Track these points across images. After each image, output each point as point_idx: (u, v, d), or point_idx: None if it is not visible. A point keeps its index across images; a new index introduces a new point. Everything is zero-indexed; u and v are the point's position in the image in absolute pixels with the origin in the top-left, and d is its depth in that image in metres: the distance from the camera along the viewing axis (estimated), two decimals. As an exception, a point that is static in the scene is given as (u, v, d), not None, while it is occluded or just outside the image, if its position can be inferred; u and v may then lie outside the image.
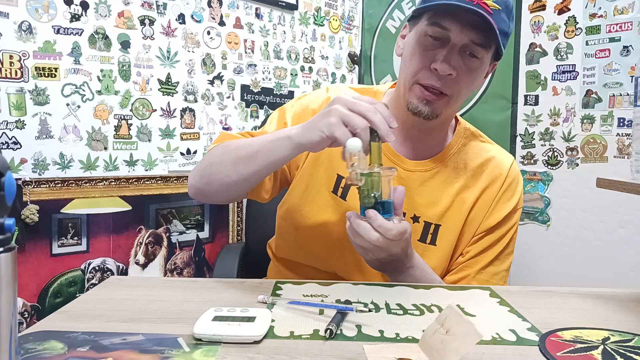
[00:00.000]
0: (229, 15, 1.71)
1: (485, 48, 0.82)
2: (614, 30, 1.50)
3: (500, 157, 0.95)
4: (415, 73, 0.83)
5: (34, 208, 1.29)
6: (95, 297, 0.70)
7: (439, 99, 0.83)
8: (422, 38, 0.83)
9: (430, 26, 0.81)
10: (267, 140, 0.78)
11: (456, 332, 0.50)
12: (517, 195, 0.93)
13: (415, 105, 0.84)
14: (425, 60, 0.82)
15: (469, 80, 0.84)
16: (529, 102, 1.73)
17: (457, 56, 0.81)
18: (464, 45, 0.81)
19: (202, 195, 0.90)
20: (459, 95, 0.85)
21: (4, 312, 0.38)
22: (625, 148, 1.50)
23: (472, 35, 0.79)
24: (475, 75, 0.85)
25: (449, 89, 0.82)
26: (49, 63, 1.31)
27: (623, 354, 0.53)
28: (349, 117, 0.68)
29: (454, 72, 0.80)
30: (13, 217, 0.39)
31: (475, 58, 0.82)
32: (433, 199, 0.90)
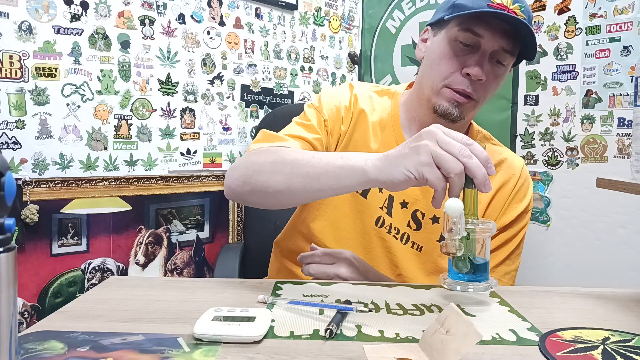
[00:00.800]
0: (229, 15, 1.71)
1: (512, 55, 0.85)
2: (614, 30, 1.50)
3: (512, 159, 0.97)
4: (445, 77, 0.85)
5: (34, 208, 1.29)
6: (95, 297, 0.70)
7: (468, 102, 0.85)
8: (452, 43, 0.85)
9: (462, 32, 0.83)
10: (334, 164, 0.69)
11: (456, 332, 0.50)
12: (529, 197, 0.95)
13: (446, 107, 0.86)
14: (456, 65, 0.84)
15: (494, 86, 0.87)
16: (529, 102, 1.73)
17: (487, 62, 0.84)
18: (493, 52, 0.83)
19: (241, 200, 0.86)
20: (485, 100, 0.88)
21: (4, 312, 0.38)
22: (625, 148, 1.50)
23: (503, 42, 0.82)
24: (500, 82, 0.88)
25: (477, 93, 0.85)
26: (49, 63, 1.31)
27: (623, 354, 0.53)
28: (442, 157, 0.58)
29: (484, 78, 0.83)
30: (13, 217, 0.39)
31: (501, 65, 0.85)
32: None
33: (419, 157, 0.60)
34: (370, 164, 0.65)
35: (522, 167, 0.97)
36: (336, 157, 0.70)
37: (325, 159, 0.71)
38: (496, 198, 0.93)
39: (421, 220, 0.92)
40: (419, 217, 0.92)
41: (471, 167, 0.58)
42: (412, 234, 0.91)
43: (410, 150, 0.61)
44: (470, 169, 0.58)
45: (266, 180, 0.75)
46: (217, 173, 1.71)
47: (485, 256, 0.67)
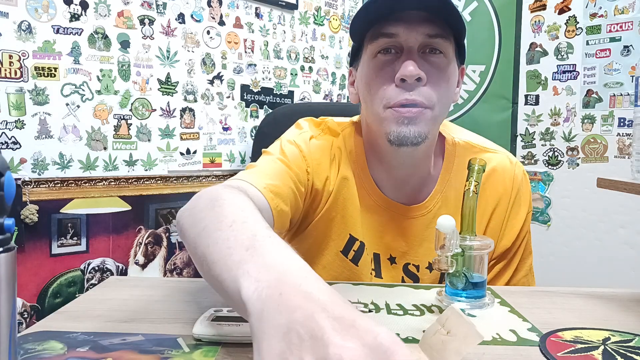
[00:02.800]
0: (229, 15, 1.71)
1: (445, 38, 0.71)
2: (615, 30, 1.50)
3: (502, 166, 0.84)
4: (381, 98, 0.72)
5: (34, 208, 1.29)
6: (94, 298, 0.70)
7: (421, 114, 0.71)
8: (373, 61, 0.73)
9: (374, 42, 0.72)
10: (232, 259, 0.44)
11: (457, 332, 0.50)
12: (527, 201, 0.85)
13: (397, 131, 0.71)
14: (387, 77, 0.71)
15: (442, 82, 0.73)
16: (529, 102, 1.73)
17: (419, 58, 0.71)
18: (420, 45, 0.71)
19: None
20: (440, 104, 0.73)
21: (4, 312, 0.38)
22: (625, 148, 1.50)
23: (426, 29, 0.70)
24: (447, 75, 0.73)
25: (425, 98, 0.71)
26: (49, 63, 1.31)
27: (623, 354, 0.53)
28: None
29: (423, 74, 0.69)
30: (12, 217, 0.38)
31: (439, 53, 0.72)
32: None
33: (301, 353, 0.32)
34: (256, 306, 0.37)
35: (513, 173, 0.83)
36: (243, 246, 0.45)
37: (231, 240, 0.47)
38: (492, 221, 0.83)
39: (416, 272, 0.83)
40: (413, 270, 0.83)
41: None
42: None
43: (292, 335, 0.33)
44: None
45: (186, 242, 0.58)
46: (217, 173, 1.71)
47: (483, 273, 0.66)
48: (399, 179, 0.82)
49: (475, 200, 0.67)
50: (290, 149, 0.81)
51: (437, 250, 0.63)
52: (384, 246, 0.83)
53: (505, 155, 0.86)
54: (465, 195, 0.67)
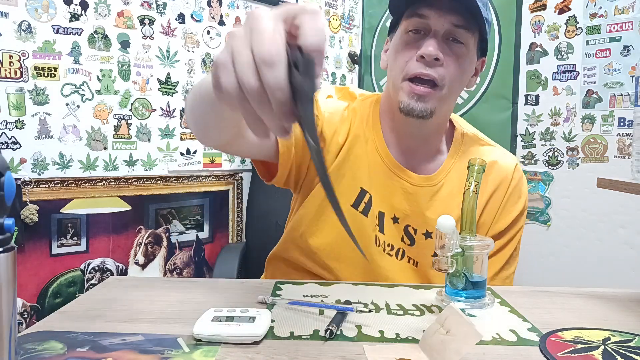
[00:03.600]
0: (229, 15, 1.71)
1: (468, 31, 0.79)
2: (615, 30, 1.50)
3: (504, 160, 0.92)
4: (402, 69, 0.81)
5: (34, 208, 1.29)
6: (94, 297, 0.70)
7: (430, 93, 0.79)
8: (404, 36, 0.82)
9: (408, 20, 0.81)
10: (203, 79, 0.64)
11: (456, 332, 0.50)
12: (523, 198, 0.92)
13: (407, 103, 0.80)
14: (410, 52, 0.80)
15: (457, 68, 0.81)
16: (529, 102, 1.73)
17: (442, 43, 0.79)
18: (446, 31, 0.79)
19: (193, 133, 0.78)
20: (451, 86, 0.81)
21: (4, 312, 0.38)
22: (625, 148, 1.50)
23: (453, 19, 0.78)
24: (463, 63, 0.82)
25: (439, 75, 0.79)
26: (49, 63, 1.31)
27: (623, 354, 0.53)
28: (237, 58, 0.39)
29: (441, 56, 0.78)
30: (12, 217, 0.38)
31: (460, 43, 0.80)
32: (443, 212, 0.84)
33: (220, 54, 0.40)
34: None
35: (514, 167, 0.92)
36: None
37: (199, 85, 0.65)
38: (489, 204, 0.89)
39: (414, 235, 0.88)
40: (412, 232, 0.88)
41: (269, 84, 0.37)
42: (407, 249, 0.88)
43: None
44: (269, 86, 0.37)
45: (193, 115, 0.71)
46: (217, 173, 1.71)
47: (483, 273, 0.67)
48: (409, 148, 0.89)
49: (475, 200, 0.67)
50: None
51: (437, 250, 0.63)
52: (389, 206, 0.88)
53: (509, 155, 0.95)
54: (465, 195, 0.67)
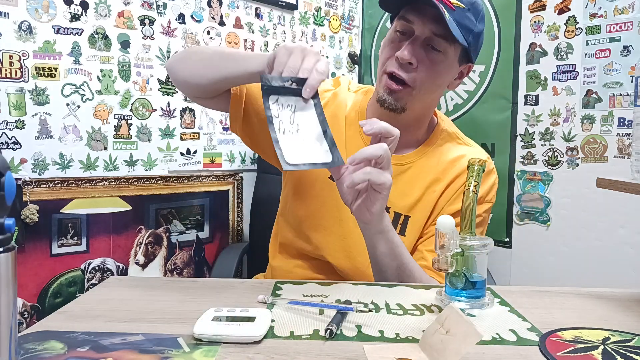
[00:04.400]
0: (229, 15, 1.71)
1: (447, 41, 0.84)
2: (614, 30, 1.50)
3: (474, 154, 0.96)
4: (383, 63, 0.89)
5: (34, 208, 1.29)
6: (95, 297, 0.70)
7: (401, 91, 0.86)
8: (392, 34, 0.90)
9: (398, 21, 0.87)
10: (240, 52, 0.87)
11: (456, 332, 0.50)
12: (484, 188, 0.95)
13: (381, 95, 0.88)
14: (391, 51, 0.87)
15: (431, 73, 0.86)
16: (529, 102, 1.73)
17: (420, 48, 0.85)
18: (426, 38, 0.85)
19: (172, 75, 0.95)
20: (422, 87, 0.87)
21: (4, 312, 0.38)
22: (625, 148, 1.50)
23: (433, 28, 0.83)
24: (438, 69, 0.87)
25: (410, 77, 0.85)
26: (49, 63, 1.31)
27: (623, 354, 0.53)
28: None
29: (414, 61, 0.84)
30: (13, 217, 0.39)
31: (437, 51, 0.86)
32: (404, 191, 0.93)
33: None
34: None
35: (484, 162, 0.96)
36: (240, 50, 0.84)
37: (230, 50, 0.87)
38: (449, 188, 0.94)
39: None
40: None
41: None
42: None
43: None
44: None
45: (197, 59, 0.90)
46: (217, 173, 1.71)
47: (482, 273, 0.67)
48: None
49: (475, 200, 0.67)
50: None
51: (437, 250, 0.63)
52: None
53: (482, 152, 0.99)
54: (465, 195, 0.67)
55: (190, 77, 0.90)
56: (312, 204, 0.95)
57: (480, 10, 0.87)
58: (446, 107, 1.92)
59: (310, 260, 0.97)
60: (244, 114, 0.95)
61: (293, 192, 0.97)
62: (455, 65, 0.90)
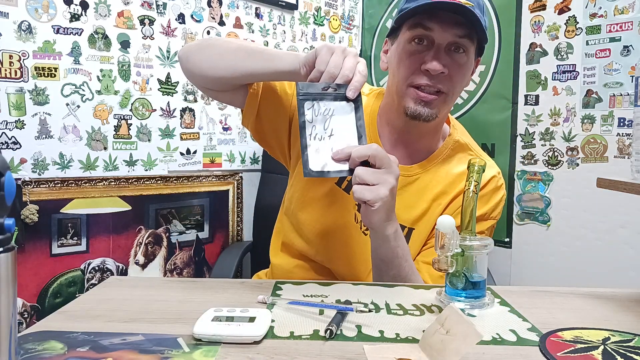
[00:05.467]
0: (229, 15, 1.71)
1: (470, 40, 0.85)
2: (615, 30, 1.50)
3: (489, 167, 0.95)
4: (406, 77, 0.86)
5: (34, 208, 1.29)
6: (95, 297, 0.70)
7: (436, 99, 0.85)
8: (407, 45, 0.86)
9: (413, 30, 0.85)
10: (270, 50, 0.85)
11: (456, 332, 0.50)
12: (490, 205, 0.94)
13: (414, 108, 0.85)
14: (415, 64, 0.85)
15: (460, 76, 0.87)
16: (529, 102, 1.73)
17: (445, 54, 0.84)
18: (449, 43, 0.84)
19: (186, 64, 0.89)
20: (454, 92, 0.88)
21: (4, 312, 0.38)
22: (625, 148, 1.50)
23: (456, 31, 0.83)
24: (465, 70, 0.88)
25: (444, 86, 0.85)
26: (49, 63, 1.31)
27: (623, 354, 0.53)
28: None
29: (446, 70, 0.83)
30: (13, 217, 0.38)
31: (462, 53, 0.86)
32: (410, 203, 0.92)
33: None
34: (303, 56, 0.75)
35: (491, 176, 0.95)
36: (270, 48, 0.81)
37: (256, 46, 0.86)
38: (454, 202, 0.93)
39: None
40: None
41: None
42: None
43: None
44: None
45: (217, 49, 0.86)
46: (217, 173, 1.71)
47: (482, 273, 0.67)
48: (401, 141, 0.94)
49: (475, 200, 0.67)
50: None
51: (437, 250, 0.63)
52: None
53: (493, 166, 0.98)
54: (465, 195, 0.67)
55: (209, 69, 0.85)
56: (317, 208, 0.94)
57: (483, 5, 0.88)
58: (446, 107, 1.92)
59: (311, 262, 0.96)
60: (257, 112, 0.92)
61: (300, 194, 0.96)
62: (473, 60, 0.90)
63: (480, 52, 0.92)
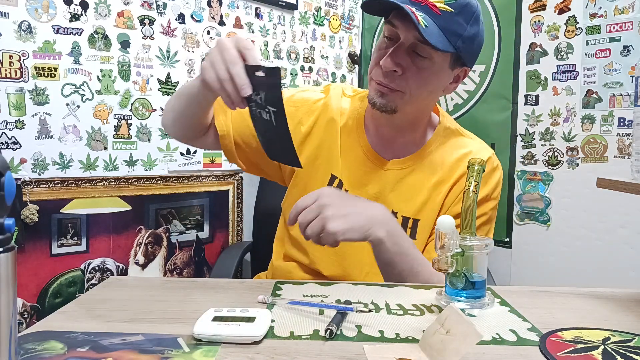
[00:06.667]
0: (229, 15, 1.71)
1: (432, 47, 0.79)
2: (614, 30, 1.50)
3: (478, 151, 0.96)
4: (371, 70, 0.89)
5: (34, 208, 1.29)
6: (95, 297, 0.70)
7: (391, 93, 0.85)
8: (380, 40, 0.88)
9: (386, 25, 0.85)
10: (188, 83, 0.87)
11: (456, 332, 0.50)
12: (490, 186, 0.94)
13: (372, 97, 0.88)
14: (377, 58, 0.86)
15: (419, 80, 0.84)
16: (529, 102, 1.73)
17: (404, 54, 0.83)
18: (411, 44, 0.82)
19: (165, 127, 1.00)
20: (412, 92, 0.85)
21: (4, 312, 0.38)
22: (625, 148, 1.50)
23: (416, 34, 0.79)
24: (426, 76, 0.85)
25: (397, 85, 0.84)
26: (49, 63, 1.31)
27: (623, 354, 0.53)
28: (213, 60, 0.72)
29: (399, 69, 0.83)
30: (13, 217, 0.38)
31: (423, 57, 0.83)
32: (409, 194, 0.93)
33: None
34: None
35: (489, 157, 0.95)
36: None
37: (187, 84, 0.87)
38: (455, 188, 0.93)
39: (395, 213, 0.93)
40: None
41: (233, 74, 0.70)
42: None
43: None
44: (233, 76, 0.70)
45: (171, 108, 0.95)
46: (217, 173, 1.71)
47: (482, 273, 0.67)
48: (385, 136, 0.95)
49: (475, 200, 0.67)
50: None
51: (437, 250, 0.63)
52: (360, 191, 0.94)
53: (486, 147, 0.99)
54: (465, 195, 0.67)
55: (169, 124, 0.96)
56: None
57: (473, 12, 0.83)
58: (446, 107, 1.92)
59: (307, 268, 0.97)
60: (235, 147, 0.96)
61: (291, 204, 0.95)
62: (446, 70, 0.87)
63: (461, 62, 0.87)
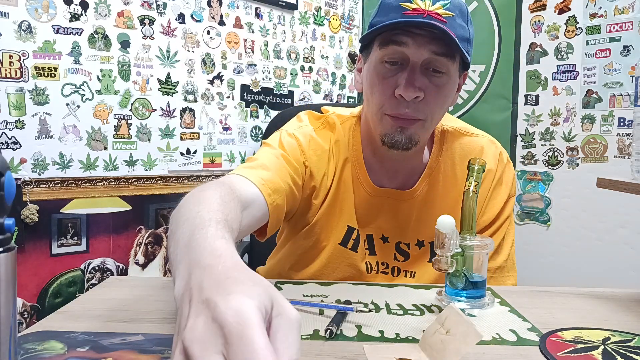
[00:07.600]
0: (229, 15, 1.71)
1: (449, 58, 0.74)
2: (615, 30, 1.50)
3: (487, 150, 0.88)
4: (381, 104, 0.77)
5: (34, 208, 1.29)
6: (95, 297, 0.70)
7: (413, 124, 0.76)
8: (378, 66, 0.76)
9: (384, 48, 0.74)
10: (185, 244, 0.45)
11: (456, 332, 0.50)
12: (509, 185, 0.88)
13: (391, 136, 0.77)
14: (387, 89, 0.75)
15: (440, 99, 0.77)
16: (529, 102, 1.73)
17: (421, 75, 0.74)
18: (425, 61, 0.74)
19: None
20: (433, 117, 0.78)
21: (4, 312, 0.38)
22: (625, 148, 1.50)
23: (432, 47, 0.72)
24: (446, 92, 0.77)
25: (421, 113, 0.75)
26: (49, 63, 1.31)
27: (623, 354, 0.53)
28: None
29: (421, 94, 0.73)
30: (13, 217, 0.38)
31: (440, 73, 0.75)
32: (428, 221, 0.86)
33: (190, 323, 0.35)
34: (177, 284, 0.42)
35: (499, 154, 0.89)
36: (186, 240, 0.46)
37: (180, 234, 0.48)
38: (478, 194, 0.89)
39: (407, 250, 0.88)
40: (404, 248, 0.88)
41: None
42: (402, 265, 0.88)
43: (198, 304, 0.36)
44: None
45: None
46: (217, 173, 1.71)
47: (482, 273, 0.67)
48: (391, 169, 0.87)
49: (475, 200, 0.67)
50: (289, 141, 0.85)
51: (437, 250, 0.63)
52: (376, 227, 0.87)
53: (492, 143, 0.91)
54: (465, 195, 0.67)
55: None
56: (315, 265, 0.87)
57: (467, 13, 0.78)
58: (446, 107, 1.92)
59: None
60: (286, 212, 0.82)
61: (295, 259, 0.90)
62: (456, 81, 0.80)
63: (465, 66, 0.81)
